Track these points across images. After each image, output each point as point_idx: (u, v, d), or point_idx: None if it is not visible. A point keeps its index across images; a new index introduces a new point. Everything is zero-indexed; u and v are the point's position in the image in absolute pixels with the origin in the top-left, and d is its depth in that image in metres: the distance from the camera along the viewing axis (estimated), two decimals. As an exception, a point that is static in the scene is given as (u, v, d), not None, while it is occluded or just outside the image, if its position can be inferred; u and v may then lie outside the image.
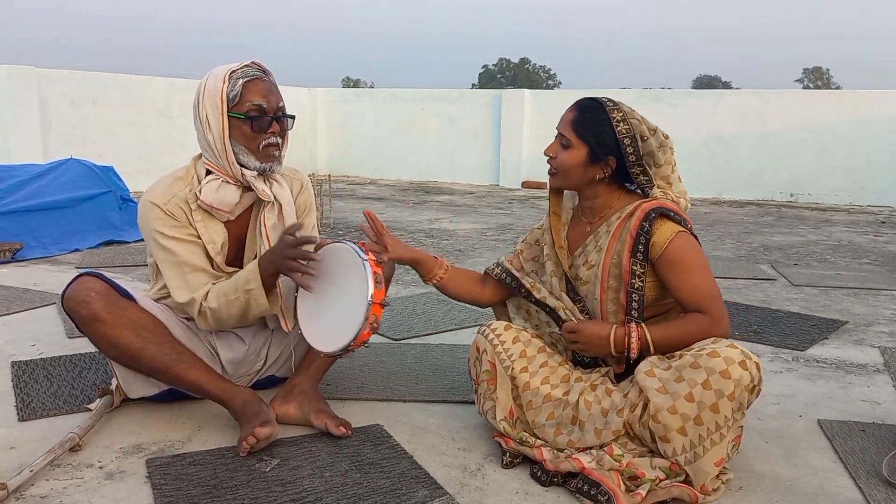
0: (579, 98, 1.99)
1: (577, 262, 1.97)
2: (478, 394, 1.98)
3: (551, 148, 1.96)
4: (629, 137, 1.86)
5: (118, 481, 1.78)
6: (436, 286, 2.12)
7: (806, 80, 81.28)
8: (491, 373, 1.92)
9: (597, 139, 1.88)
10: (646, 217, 1.83)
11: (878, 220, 7.49)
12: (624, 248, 1.84)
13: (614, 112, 1.88)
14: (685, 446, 1.67)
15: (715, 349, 1.67)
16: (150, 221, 2.01)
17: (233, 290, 1.99)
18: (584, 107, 1.92)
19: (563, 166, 1.93)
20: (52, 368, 2.51)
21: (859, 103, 8.88)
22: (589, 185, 1.94)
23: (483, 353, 1.94)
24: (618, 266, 1.85)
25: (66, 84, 7.93)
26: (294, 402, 2.07)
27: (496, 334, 1.95)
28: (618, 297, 1.86)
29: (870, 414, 2.29)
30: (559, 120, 1.95)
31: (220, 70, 2.04)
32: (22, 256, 4.47)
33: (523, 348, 1.92)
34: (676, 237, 1.80)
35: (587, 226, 1.99)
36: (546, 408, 1.86)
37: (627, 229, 1.85)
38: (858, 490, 1.80)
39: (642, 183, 1.91)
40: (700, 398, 1.64)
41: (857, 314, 3.54)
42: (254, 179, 2.03)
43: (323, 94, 11.72)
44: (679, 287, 1.81)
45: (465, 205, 8.01)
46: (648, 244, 1.81)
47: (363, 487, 1.74)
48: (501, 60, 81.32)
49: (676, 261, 1.80)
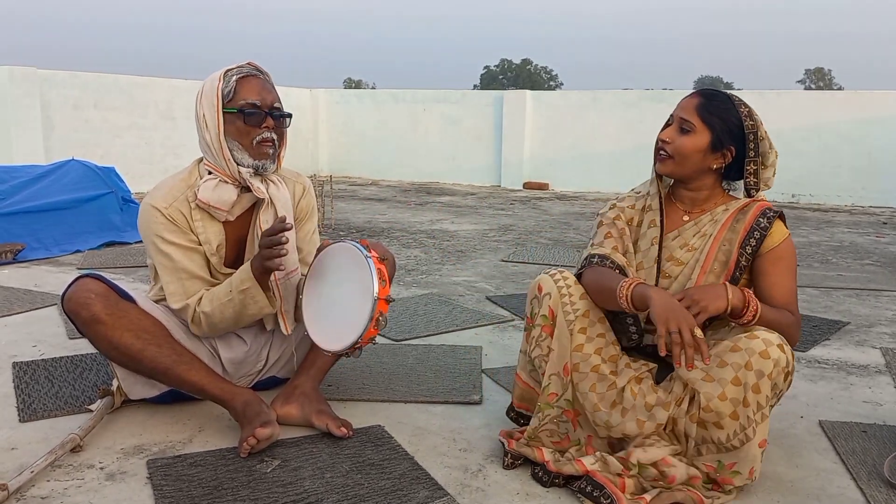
0: (698, 88, 1.96)
1: (670, 245, 1.94)
2: (529, 335, 1.90)
3: (668, 133, 1.91)
4: (753, 133, 1.87)
5: (119, 482, 1.78)
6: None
7: (808, 80, 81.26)
8: (549, 319, 1.85)
9: (722, 126, 1.86)
10: (762, 213, 1.86)
11: (879, 220, 7.48)
12: (735, 237, 1.86)
13: (741, 106, 1.88)
14: (736, 430, 1.68)
15: (752, 332, 1.70)
16: (150, 225, 2.01)
17: (226, 292, 1.99)
18: (710, 94, 1.91)
19: (681, 151, 1.88)
20: (54, 369, 2.51)
21: (861, 104, 8.86)
22: (700, 174, 1.91)
23: (545, 296, 1.86)
24: (726, 254, 1.87)
25: (68, 86, 7.94)
26: (295, 403, 2.07)
27: (566, 283, 1.87)
28: (715, 283, 1.84)
29: (871, 415, 2.29)
30: (676, 108, 1.92)
31: (217, 72, 2.07)
32: (23, 257, 4.48)
33: (588, 308, 1.85)
34: (788, 238, 1.87)
35: (684, 214, 1.96)
36: (591, 377, 1.81)
37: (741, 221, 1.87)
38: (860, 491, 1.80)
39: (750, 183, 1.91)
40: (744, 380, 1.65)
41: (858, 315, 3.54)
42: (249, 177, 2.04)
43: (324, 95, 11.72)
44: (777, 284, 1.84)
45: (467, 206, 8.01)
46: (762, 239, 1.84)
47: (364, 488, 1.74)
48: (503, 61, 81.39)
49: (783, 260, 1.85)
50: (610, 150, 9.75)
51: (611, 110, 9.84)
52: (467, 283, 4.09)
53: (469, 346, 2.88)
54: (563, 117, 10.11)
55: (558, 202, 8.63)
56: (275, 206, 2.09)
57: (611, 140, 9.76)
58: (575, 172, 10.01)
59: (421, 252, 5.02)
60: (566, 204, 8.45)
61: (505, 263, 4.69)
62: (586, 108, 10.00)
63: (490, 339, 2.99)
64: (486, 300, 3.68)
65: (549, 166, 10.18)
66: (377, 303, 1.78)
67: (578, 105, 10.03)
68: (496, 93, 10.96)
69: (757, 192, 1.92)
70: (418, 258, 4.77)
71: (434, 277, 4.20)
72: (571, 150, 10.08)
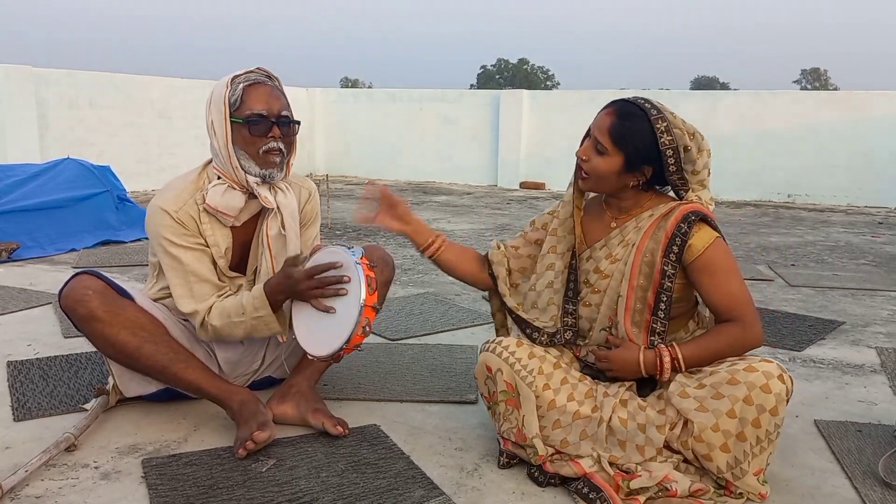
0: (616, 99, 1.89)
1: (597, 255, 1.91)
2: (495, 413, 1.88)
3: (584, 150, 1.87)
4: (671, 149, 1.79)
5: (114, 481, 1.77)
6: (431, 259, 2.08)
7: (804, 80, 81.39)
8: (509, 393, 1.82)
9: (635, 149, 1.79)
10: (684, 219, 1.78)
11: (875, 220, 7.50)
12: (658, 247, 1.80)
13: (658, 122, 1.79)
14: (729, 462, 1.66)
15: (750, 364, 1.67)
16: (159, 228, 2.00)
17: (238, 313, 1.97)
18: (624, 113, 1.82)
19: (595, 172, 1.84)
20: (48, 368, 2.50)
21: (857, 104, 8.88)
22: (620, 190, 1.88)
23: (497, 373, 1.83)
24: (649, 265, 1.81)
25: (63, 84, 7.91)
26: (291, 402, 2.07)
27: (510, 352, 1.84)
28: (646, 295, 1.81)
29: (866, 414, 2.29)
30: (594, 120, 1.87)
31: (227, 76, 2.03)
32: (18, 256, 4.46)
33: (539, 364, 1.83)
34: (714, 242, 1.78)
35: (612, 220, 1.93)
36: (577, 426, 1.78)
37: (662, 228, 1.81)
38: (854, 490, 1.80)
39: (677, 185, 1.86)
40: (742, 414, 1.63)
41: (854, 315, 3.55)
42: (257, 186, 2.02)
43: (321, 94, 11.71)
44: (713, 292, 1.79)
45: (464, 205, 8.01)
46: (684, 246, 1.77)
47: (360, 487, 1.74)
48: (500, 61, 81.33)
49: (713, 266, 1.77)
50: (606, 150, 9.74)
51: (607, 110, 9.83)
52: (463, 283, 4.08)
53: (465, 345, 2.88)
54: (560, 117, 10.11)
55: (555, 202, 8.58)
56: (282, 215, 2.08)
57: (607, 140, 9.76)
58: (571, 172, 9.97)
59: (417, 251, 5.01)
60: (562, 203, 8.44)
61: (501, 263, 4.68)
62: (583, 108, 9.98)
63: (486, 339, 2.98)
64: (482, 300, 3.68)
65: (545, 166, 10.19)
66: (363, 310, 1.78)
67: (575, 104, 10.03)
68: (493, 92, 10.97)
69: (687, 192, 1.85)
70: (414, 258, 4.77)
71: (430, 277, 4.20)
72: (568, 150, 9.96)
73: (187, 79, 9.17)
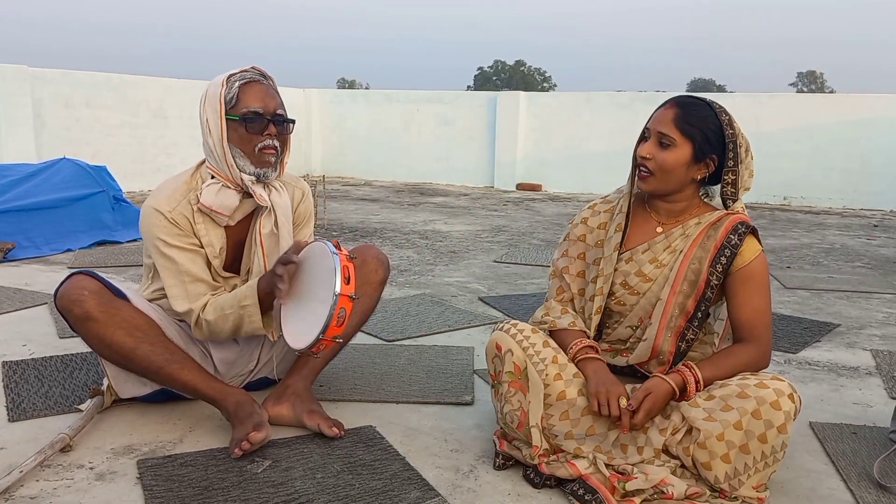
0: (675, 96, 1.87)
1: (639, 258, 1.89)
2: (497, 392, 1.86)
3: (647, 148, 1.82)
4: (733, 143, 1.81)
5: (109, 482, 1.77)
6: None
7: (800, 83, 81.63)
8: (515, 375, 1.81)
9: (704, 136, 1.79)
10: (734, 230, 1.79)
11: (870, 223, 7.52)
12: (706, 255, 1.80)
13: (722, 114, 1.81)
14: (728, 473, 1.66)
15: (762, 380, 1.67)
16: (152, 228, 2.00)
17: (230, 304, 1.98)
18: (686, 102, 1.83)
19: (663, 167, 1.81)
20: (43, 369, 2.50)
21: (853, 107, 8.91)
22: (683, 187, 1.85)
23: (507, 353, 1.81)
24: (695, 273, 1.80)
25: (59, 84, 7.89)
26: (287, 403, 2.07)
27: (524, 335, 1.83)
28: (686, 302, 1.81)
29: (861, 416, 2.30)
30: (650, 120, 1.85)
31: (221, 75, 2.04)
32: (14, 256, 4.45)
33: (555, 354, 1.82)
34: (759, 256, 1.80)
35: (658, 225, 1.91)
36: (585, 420, 1.77)
37: (712, 238, 1.81)
38: (849, 492, 1.81)
39: (727, 193, 1.85)
40: (749, 427, 1.63)
41: (849, 317, 3.56)
42: (252, 184, 2.03)
43: (318, 94, 11.70)
44: (744, 304, 1.79)
45: (460, 206, 8.01)
46: (733, 257, 1.78)
47: (355, 489, 1.74)
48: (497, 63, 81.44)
49: (751, 280, 1.79)
50: (603, 152, 9.76)
51: (604, 112, 9.86)
52: (460, 283, 4.09)
53: (461, 346, 2.88)
54: (557, 118, 10.12)
55: (551, 203, 8.64)
56: (275, 213, 2.08)
57: (604, 141, 9.78)
58: (568, 174, 10.03)
59: (413, 252, 5.02)
60: (559, 205, 8.46)
61: (497, 264, 4.69)
62: (580, 110, 10.02)
63: (482, 340, 2.99)
64: (479, 301, 3.68)
65: (542, 167, 10.20)
66: (338, 299, 1.77)
67: (572, 106, 10.05)
68: (490, 94, 10.96)
69: (734, 202, 1.86)
70: (411, 259, 4.77)
71: (426, 278, 4.20)
72: (564, 152, 10.09)
73: (183, 79, 9.16)
